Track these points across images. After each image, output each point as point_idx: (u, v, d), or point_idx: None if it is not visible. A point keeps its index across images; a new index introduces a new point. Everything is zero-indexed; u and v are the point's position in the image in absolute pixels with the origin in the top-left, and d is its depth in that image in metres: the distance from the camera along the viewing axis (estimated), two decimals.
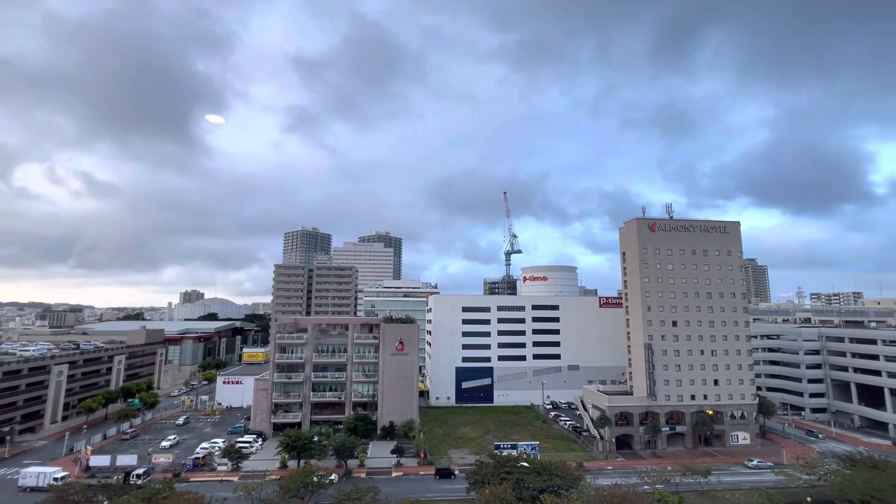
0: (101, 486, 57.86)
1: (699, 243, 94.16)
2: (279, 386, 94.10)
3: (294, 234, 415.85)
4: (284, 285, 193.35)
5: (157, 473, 69.51)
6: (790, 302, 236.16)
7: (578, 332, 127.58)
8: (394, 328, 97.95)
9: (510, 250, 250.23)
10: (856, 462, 63.24)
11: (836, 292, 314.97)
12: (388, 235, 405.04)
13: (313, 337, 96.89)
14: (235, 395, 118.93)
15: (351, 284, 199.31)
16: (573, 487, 54.37)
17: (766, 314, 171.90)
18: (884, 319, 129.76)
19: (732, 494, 64.91)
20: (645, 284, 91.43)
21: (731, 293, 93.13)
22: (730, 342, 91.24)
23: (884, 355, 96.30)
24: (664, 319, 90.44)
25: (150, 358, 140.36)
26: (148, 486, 58.11)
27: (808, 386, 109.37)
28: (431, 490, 65.08)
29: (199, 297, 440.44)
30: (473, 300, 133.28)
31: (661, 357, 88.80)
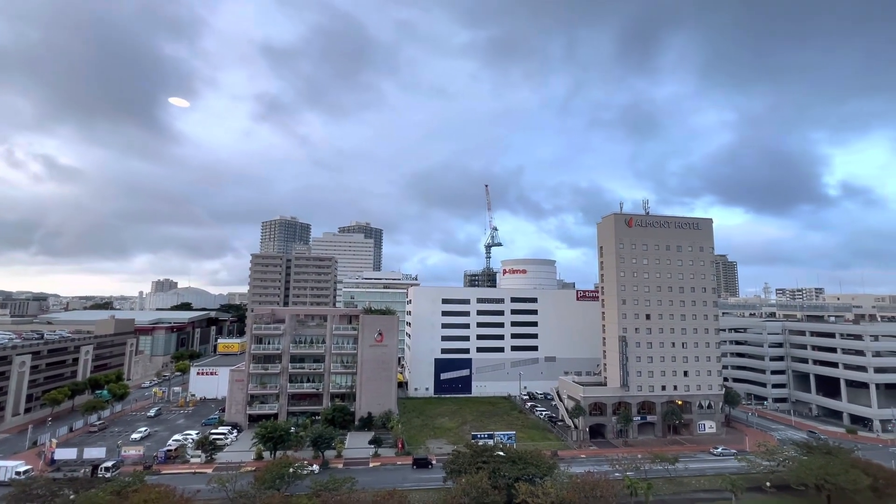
0: (67, 479, 56.24)
1: (673, 239, 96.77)
2: (255, 377, 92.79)
3: (272, 223, 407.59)
4: (262, 275, 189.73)
5: (127, 466, 67.88)
6: (757, 297, 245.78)
7: (556, 325, 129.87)
8: (373, 319, 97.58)
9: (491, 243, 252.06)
10: (812, 449, 66.82)
11: (800, 288, 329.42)
12: (368, 226, 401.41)
13: (291, 328, 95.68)
14: (210, 387, 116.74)
15: (330, 275, 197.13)
16: (547, 475, 55.73)
17: (735, 308, 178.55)
18: (842, 314, 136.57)
19: (698, 480, 67.73)
20: (621, 278, 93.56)
21: (702, 288, 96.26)
22: (700, 335, 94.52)
23: (841, 348, 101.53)
24: (638, 313, 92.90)
25: (119, 348, 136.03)
26: (117, 480, 56.70)
27: (771, 377, 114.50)
28: (409, 480, 65.65)
29: (172, 287, 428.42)
30: (453, 292, 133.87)
31: (635, 349, 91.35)
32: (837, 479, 56.17)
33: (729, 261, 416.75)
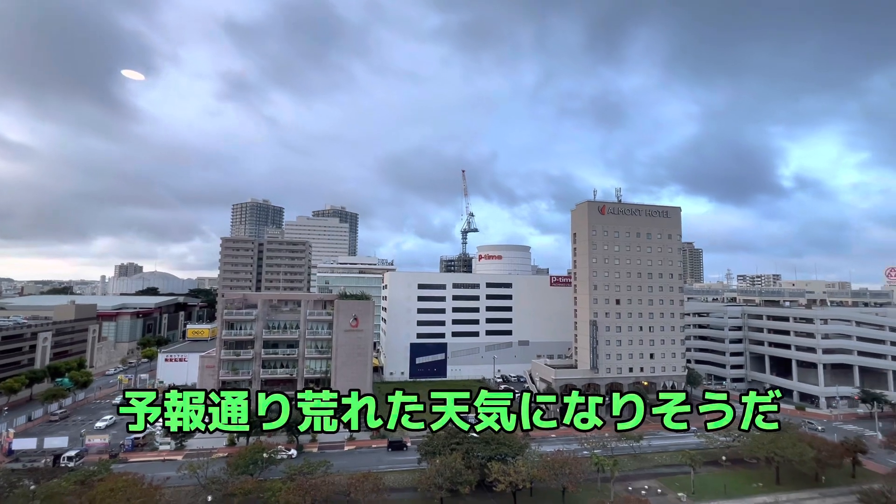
0: (27, 470, 54.31)
1: (643, 227, 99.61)
2: (227, 363, 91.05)
3: (243, 206, 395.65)
4: (232, 259, 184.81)
5: (92, 455, 66.03)
6: (720, 283, 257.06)
7: (529, 310, 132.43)
8: (348, 304, 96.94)
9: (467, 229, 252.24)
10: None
11: (759, 274, 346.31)
12: (343, 210, 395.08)
13: (264, 313, 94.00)
14: (179, 373, 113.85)
15: (304, 260, 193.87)
16: (519, 455, 57.58)
17: (699, 294, 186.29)
18: (796, 299, 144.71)
19: (661, 456, 71.44)
20: (593, 264, 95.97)
21: (669, 274, 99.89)
22: (666, 319, 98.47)
23: (794, 331, 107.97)
24: (609, 298, 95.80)
25: (80, 335, 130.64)
26: (81, 469, 55.13)
27: (730, 359, 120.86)
28: (384, 462, 66.56)
29: (137, 271, 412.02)
30: (429, 277, 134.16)
31: (605, 333, 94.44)
32: (786, 452, 60.46)
33: (695, 248, 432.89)
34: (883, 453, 71.69)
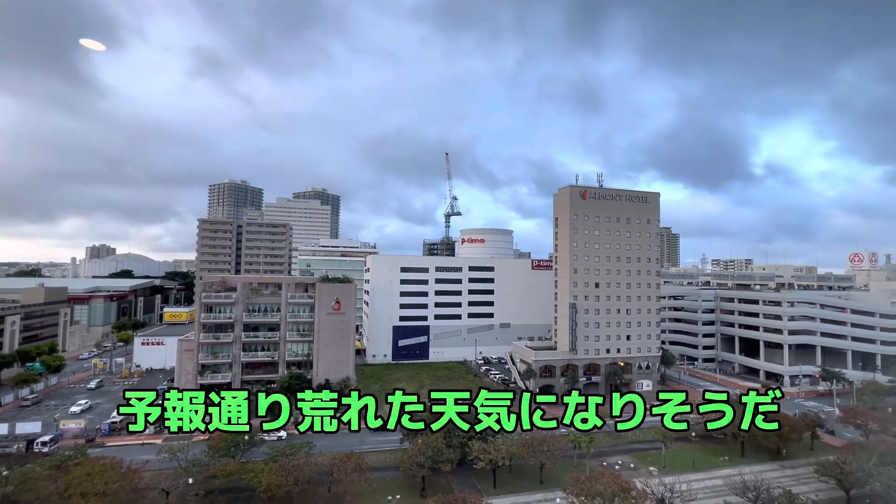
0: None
1: (623, 212, 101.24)
2: (206, 346, 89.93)
3: (220, 186, 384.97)
4: (210, 241, 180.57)
5: (67, 440, 64.86)
6: (695, 267, 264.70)
7: (511, 293, 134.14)
8: (330, 287, 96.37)
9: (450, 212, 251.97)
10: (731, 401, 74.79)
11: (732, 259, 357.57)
12: (324, 192, 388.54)
13: (243, 296, 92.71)
14: (157, 357, 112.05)
15: (285, 242, 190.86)
16: (499, 434, 59.04)
17: (675, 277, 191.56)
18: (766, 283, 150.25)
19: (634, 433, 74.07)
20: (573, 248, 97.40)
21: (647, 258, 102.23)
22: (643, 302, 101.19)
23: (762, 313, 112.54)
24: (588, 281, 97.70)
25: (51, 318, 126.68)
26: (56, 454, 54.21)
27: (703, 340, 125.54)
28: (367, 442, 67.40)
29: (110, 253, 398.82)
30: (412, 261, 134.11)
31: (584, 315, 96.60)
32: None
33: (673, 233, 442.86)
34: (839, 427, 76.27)
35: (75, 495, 42.63)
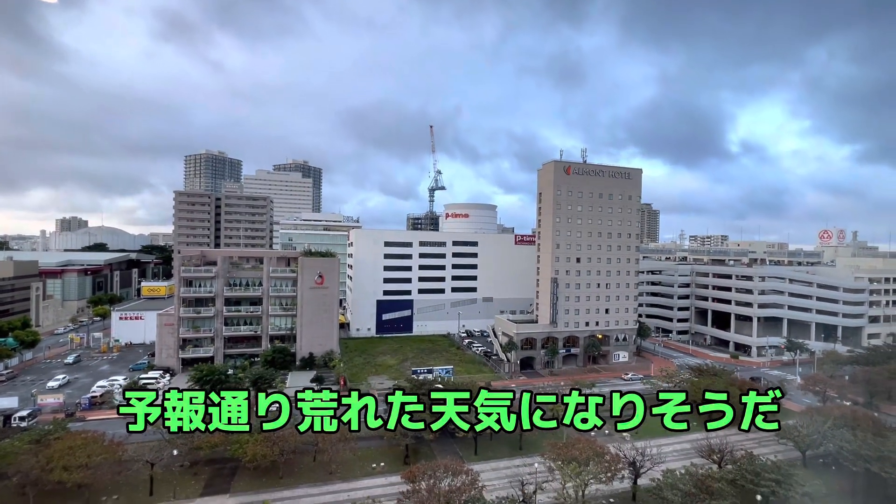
0: None
1: (606, 187, 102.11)
2: (187, 321, 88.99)
3: (197, 157, 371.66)
4: (188, 214, 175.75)
5: (46, 415, 64.18)
6: (673, 242, 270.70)
7: (494, 267, 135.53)
8: (313, 262, 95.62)
9: (434, 186, 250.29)
10: (702, 371, 78.46)
11: (709, 235, 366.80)
12: (306, 165, 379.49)
13: (224, 270, 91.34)
14: (136, 332, 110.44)
15: (266, 216, 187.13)
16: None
17: (654, 253, 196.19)
18: (739, 259, 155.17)
19: None
20: (556, 224, 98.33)
21: (627, 234, 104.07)
22: (622, 277, 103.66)
23: (735, 287, 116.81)
24: (570, 256, 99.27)
25: (22, 293, 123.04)
26: (35, 429, 53.73)
27: (677, 313, 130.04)
28: None
29: (82, 226, 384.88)
30: (396, 235, 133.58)
31: (565, 290, 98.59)
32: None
33: (653, 209, 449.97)
34: (799, 394, 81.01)
35: (58, 468, 42.61)
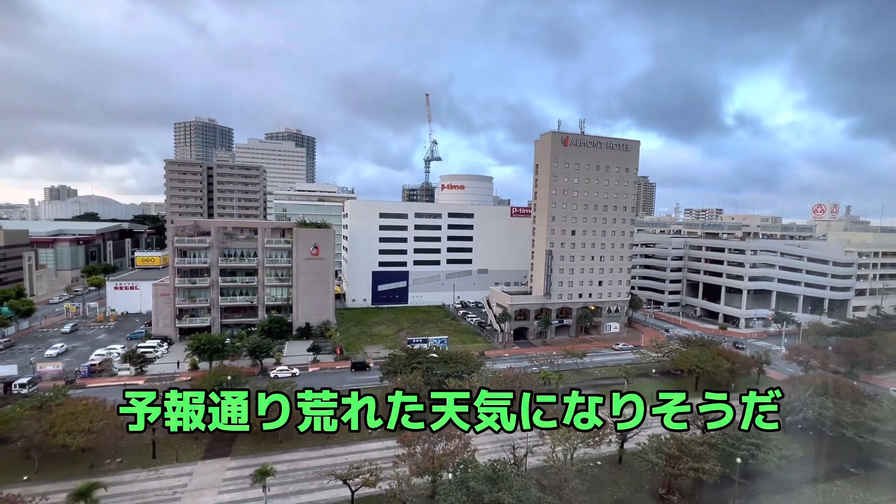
0: None
1: (603, 159, 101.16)
2: (183, 291, 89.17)
3: (187, 125, 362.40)
4: (179, 184, 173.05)
5: (46, 382, 65.10)
6: (668, 216, 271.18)
7: (490, 239, 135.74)
8: (308, 233, 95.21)
9: (430, 157, 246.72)
10: (691, 342, 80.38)
11: (704, 209, 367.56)
12: (299, 134, 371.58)
13: (218, 241, 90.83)
14: (131, 301, 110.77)
15: (259, 186, 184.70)
16: (474, 372, 62.35)
17: (649, 226, 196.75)
18: (733, 232, 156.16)
19: (600, 370, 79.71)
20: (552, 196, 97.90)
21: (623, 206, 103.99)
22: (616, 249, 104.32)
23: (727, 260, 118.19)
24: (565, 228, 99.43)
25: (14, 262, 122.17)
26: (36, 395, 54.61)
27: (669, 285, 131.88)
28: (347, 381, 70.22)
29: (72, 195, 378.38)
30: (391, 207, 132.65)
31: (559, 262, 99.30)
32: (706, 364, 69.18)
33: (649, 182, 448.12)
34: (783, 364, 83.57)
35: (61, 433, 43.62)
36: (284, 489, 43.51)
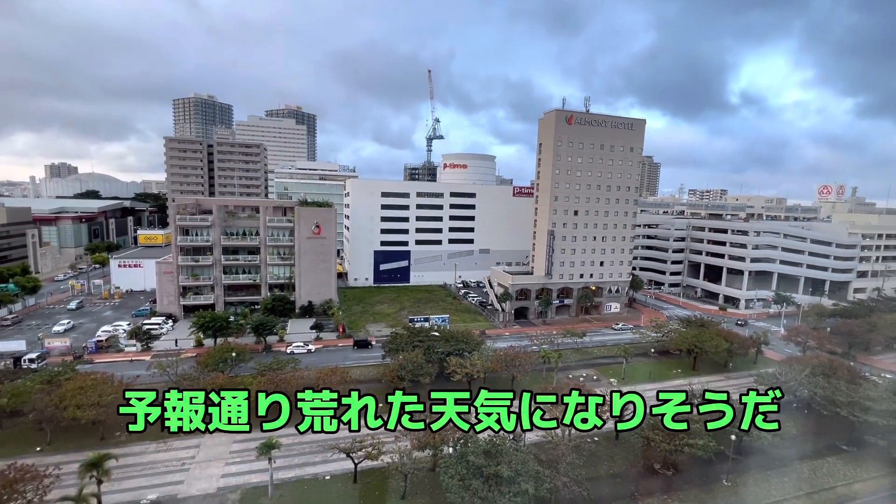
0: None
1: (608, 139, 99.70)
2: (186, 269, 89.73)
3: (185, 101, 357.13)
4: (180, 162, 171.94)
5: (54, 357, 66.32)
6: (672, 196, 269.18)
7: (492, 219, 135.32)
8: (309, 212, 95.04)
9: (432, 135, 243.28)
10: (690, 322, 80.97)
11: (708, 189, 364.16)
12: (300, 111, 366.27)
13: (220, 219, 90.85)
14: (135, 279, 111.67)
15: (260, 164, 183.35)
16: (475, 350, 63.17)
17: (652, 206, 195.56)
18: (737, 213, 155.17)
19: (599, 349, 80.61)
20: (556, 175, 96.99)
21: (626, 187, 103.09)
22: (618, 230, 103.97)
23: (729, 242, 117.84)
24: (567, 209, 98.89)
25: (18, 240, 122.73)
26: (46, 370, 55.74)
27: (671, 266, 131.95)
28: (350, 359, 71.33)
29: (72, 172, 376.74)
30: (393, 186, 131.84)
31: (561, 242, 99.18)
32: (704, 344, 69.86)
33: (654, 162, 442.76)
34: (781, 344, 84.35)
35: (71, 406, 44.70)
36: (290, 461, 44.80)
